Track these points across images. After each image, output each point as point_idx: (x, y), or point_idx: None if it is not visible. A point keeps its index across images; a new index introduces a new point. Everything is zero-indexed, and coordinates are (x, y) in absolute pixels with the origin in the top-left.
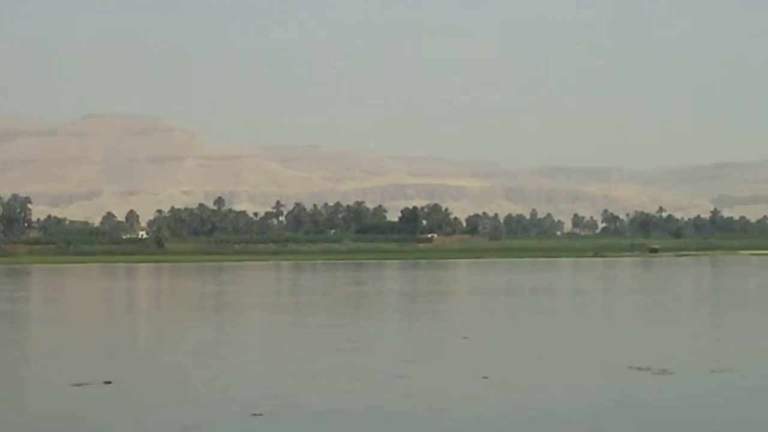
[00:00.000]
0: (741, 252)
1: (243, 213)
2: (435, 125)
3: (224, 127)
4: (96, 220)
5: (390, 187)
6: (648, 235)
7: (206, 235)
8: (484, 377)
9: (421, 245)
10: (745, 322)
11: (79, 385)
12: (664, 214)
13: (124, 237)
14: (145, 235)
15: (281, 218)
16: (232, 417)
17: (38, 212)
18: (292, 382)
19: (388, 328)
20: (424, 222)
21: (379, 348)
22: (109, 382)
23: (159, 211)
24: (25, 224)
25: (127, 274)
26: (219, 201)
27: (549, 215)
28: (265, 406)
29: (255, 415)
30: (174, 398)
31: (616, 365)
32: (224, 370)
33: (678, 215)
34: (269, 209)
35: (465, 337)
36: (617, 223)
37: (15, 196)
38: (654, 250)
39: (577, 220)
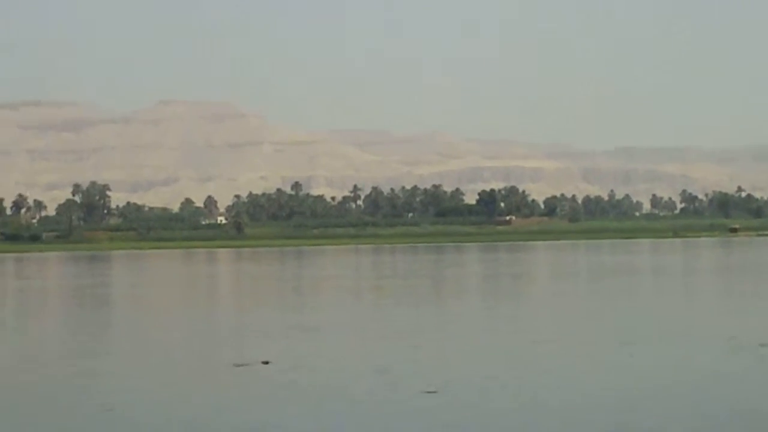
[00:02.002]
0: None
1: (321, 197)
2: (509, 107)
3: (295, 113)
4: (174, 207)
5: (466, 170)
6: (727, 215)
7: (284, 219)
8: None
9: (500, 227)
10: None
11: (240, 365)
12: (744, 194)
13: (203, 223)
14: (223, 221)
15: (359, 202)
16: (404, 394)
17: (117, 199)
18: (452, 361)
19: (511, 310)
20: (502, 204)
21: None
22: (267, 362)
23: (237, 196)
24: (105, 211)
25: (214, 259)
26: (296, 186)
27: (627, 196)
28: (438, 383)
29: (428, 392)
30: (335, 377)
31: (747, 343)
32: (376, 350)
33: (758, 195)
34: (346, 193)
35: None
36: (696, 203)
37: (94, 184)
38: (734, 230)
39: (655, 201)
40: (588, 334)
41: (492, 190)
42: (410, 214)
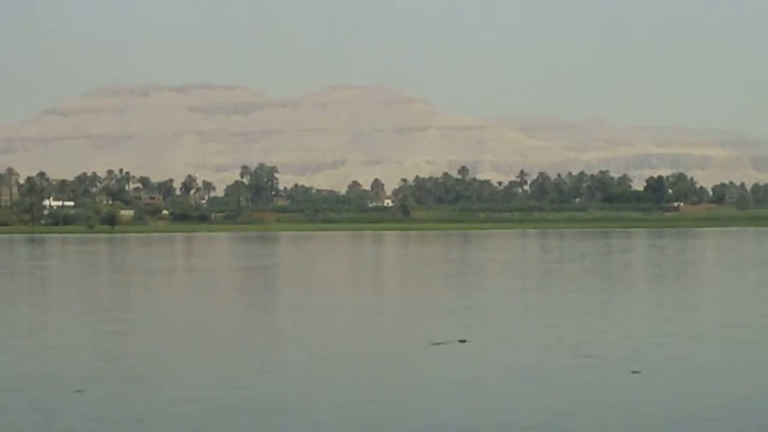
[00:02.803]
0: None
1: (487, 182)
2: (677, 93)
3: (459, 98)
4: (341, 189)
5: (633, 156)
6: None
7: (451, 203)
8: None
9: (667, 214)
10: None
11: (438, 344)
12: None
13: (369, 205)
14: (390, 204)
15: (525, 187)
16: (612, 374)
17: (285, 181)
18: (649, 342)
19: (695, 294)
20: (670, 191)
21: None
22: (464, 341)
23: (404, 180)
24: (273, 193)
25: (383, 241)
26: (463, 170)
27: None
28: (643, 364)
29: (634, 372)
30: (534, 355)
31: None
32: (567, 331)
33: None
34: (513, 178)
35: None
36: None
37: (262, 166)
38: None
39: None
40: None
41: (660, 177)
42: (577, 200)
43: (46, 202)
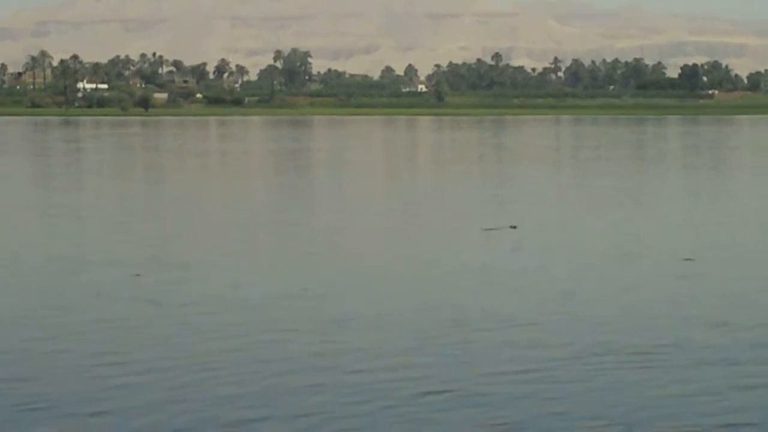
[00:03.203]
0: None
1: (521, 68)
2: None
3: None
4: (375, 74)
5: (668, 44)
6: None
7: (484, 89)
8: None
9: (702, 101)
10: None
11: (490, 229)
12: None
13: (403, 91)
14: (423, 89)
15: (559, 74)
16: (663, 261)
17: (318, 66)
18: (699, 230)
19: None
20: (705, 79)
21: None
22: (515, 227)
23: (437, 65)
24: (306, 77)
25: (418, 126)
26: (496, 56)
27: None
28: (696, 252)
29: (686, 260)
30: (585, 239)
31: None
32: (615, 217)
33: None
34: (547, 65)
35: None
36: None
37: (295, 50)
38: None
39: None
40: None
41: (694, 65)
42: (611, 87)
43: (80, 85)
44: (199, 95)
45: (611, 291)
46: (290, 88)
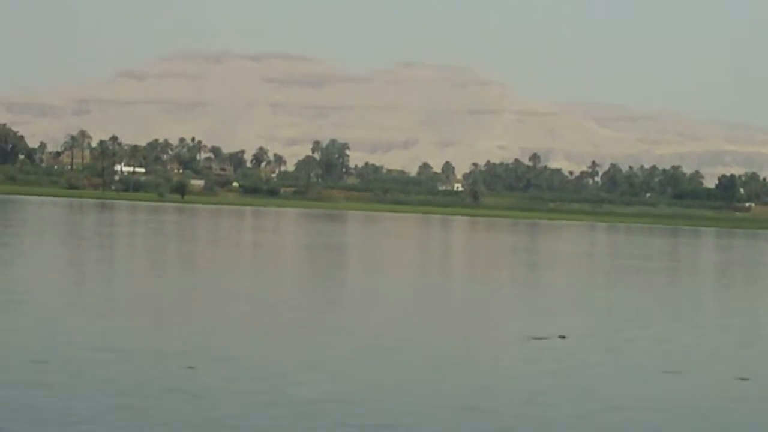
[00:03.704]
0: None
1: (558, 171)
2: (755, 89)
3: (534, 82)
4: (412, 170)
5: (706, 153)
6: None
7: (521, 191)
8: None
9: (738, 214)
10: None
11: (538, 338)
12: None
13: (440, 188)
14: (460, 188)
15: (596, 178)
16: (716, 380)
17: (356, 159)
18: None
19: None
20: (742, 190)
21: None
22: (564, 337)
23: (474, 164)
24: (343, 170)
25: (456, 226)
26: (534, 158)
27: None
28: (750, 371)
29: (741, 379)
30: (639, 351)
31: None
32: (683, 331)
33: None
34: (584, 168)
35: None
36: None
37: (333, 142)
38: None
39: None
40: None
41: (732, 176)
42: (648, 194)
43: (117, 167)
44: (235, 183)
45: (664, 406)
46: (327, 180)
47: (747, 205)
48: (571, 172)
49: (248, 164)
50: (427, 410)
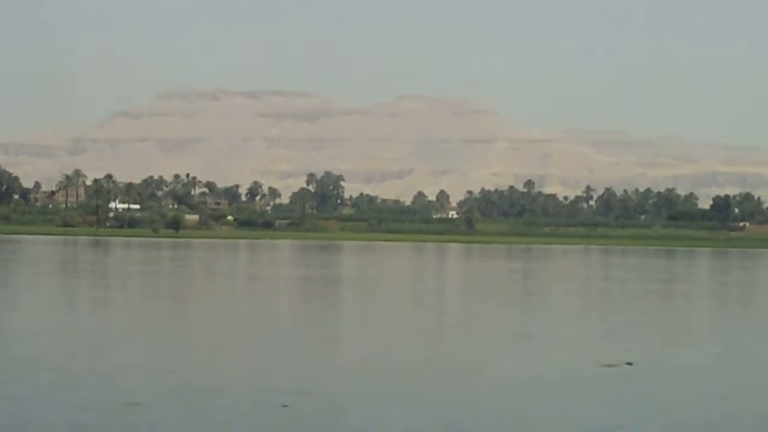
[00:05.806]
0: None
1: (552, 196)
2: (745, 112)
3: (528, 110)
4: (407, 199)
5: (701, 174)
6: None
7: (515, 217)
8: None
9: (733, 234)
10: None
11: (608, 366)
12: None
13: (434, 216)
14: (455, 215)
15: (591, 202)
16: None
17: (351, 189)
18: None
19: None
20: (736, 210)
21: None
22: (631, 363)
23: (469, 192)
24: (338, 201)
25: (453, 254)
26: (529, 183)
27: None
28: None
29: None
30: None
31: None
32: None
33: None
34: (579, 193)
35: None
36: None
37: (328, 174)
38: None
39: None
40: None
41: (726, 196)
42: (642, 216)
43: (112, 205)
44: (230, 217)
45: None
46: (322, 211)
47: (741, 224)
48: (566, 197)
49: (243, 198)
50: None
